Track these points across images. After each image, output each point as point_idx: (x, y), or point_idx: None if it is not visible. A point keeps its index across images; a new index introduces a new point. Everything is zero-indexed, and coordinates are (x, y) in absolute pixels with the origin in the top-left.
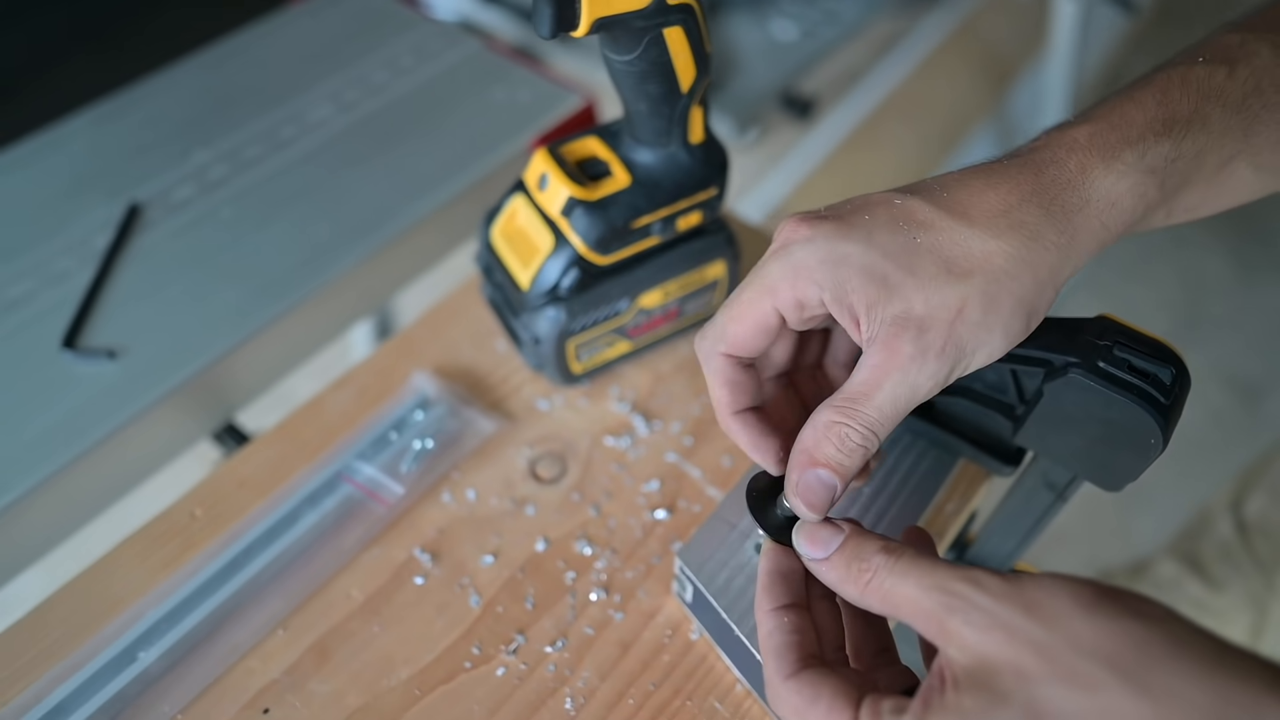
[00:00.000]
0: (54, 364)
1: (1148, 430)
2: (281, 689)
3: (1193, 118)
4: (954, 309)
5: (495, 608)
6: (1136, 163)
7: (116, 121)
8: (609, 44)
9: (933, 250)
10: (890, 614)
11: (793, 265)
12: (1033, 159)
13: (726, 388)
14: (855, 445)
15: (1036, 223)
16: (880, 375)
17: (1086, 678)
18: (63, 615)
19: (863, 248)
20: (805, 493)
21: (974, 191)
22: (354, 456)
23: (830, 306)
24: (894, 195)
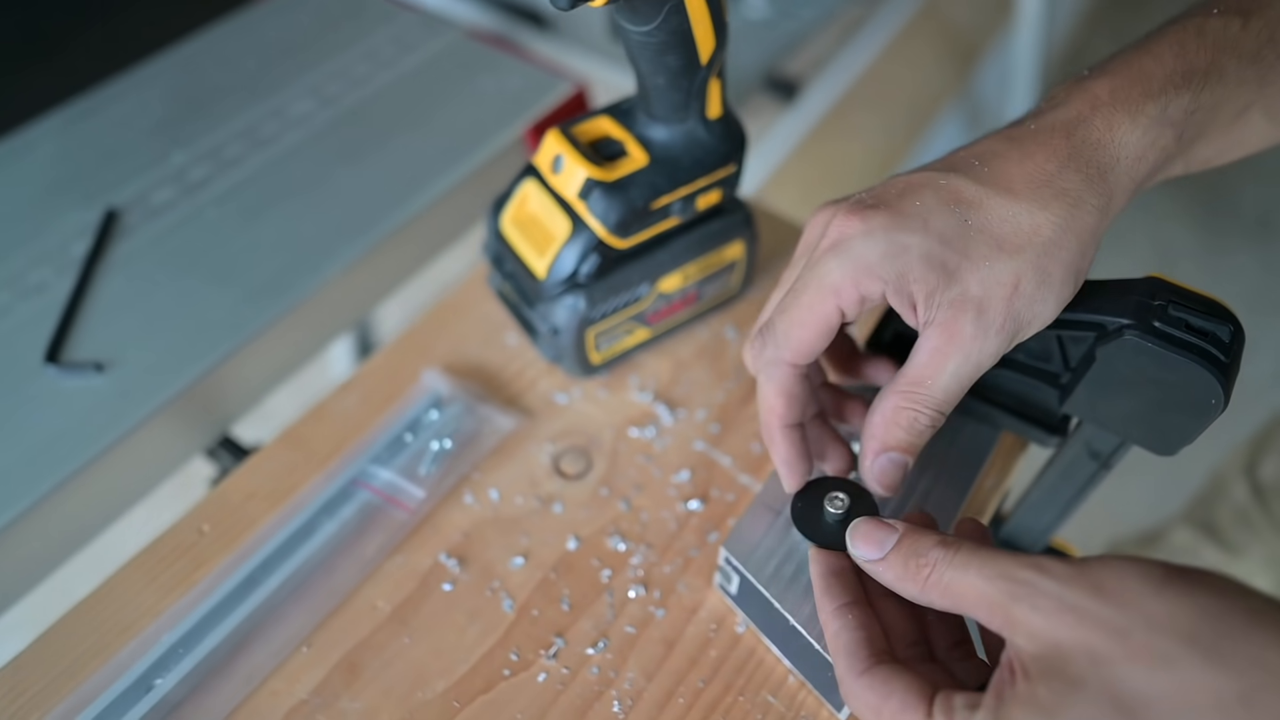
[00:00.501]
0: (37, 380)
1: (1210, 390)
2: (311, 710)
3: (1210, 69)
4: (1010, 285)
5: (530, 611)
6: (1159, 116)
7: (85, 124)
8: (627, 14)
9: (984, 230)
10: (952, 607)
11: (854, 261)
12: (1060, 119)
13: (784, 398)
14: (924, 427)
15: (1077, 189)
16: (943, 358)
17: (1163, 655)
18: (73, 641)
19: (921, 236)
20: (881, 476)
21: (1012, 162)
22: (369, 461)
23: (891, 298)
24: (937, 175)
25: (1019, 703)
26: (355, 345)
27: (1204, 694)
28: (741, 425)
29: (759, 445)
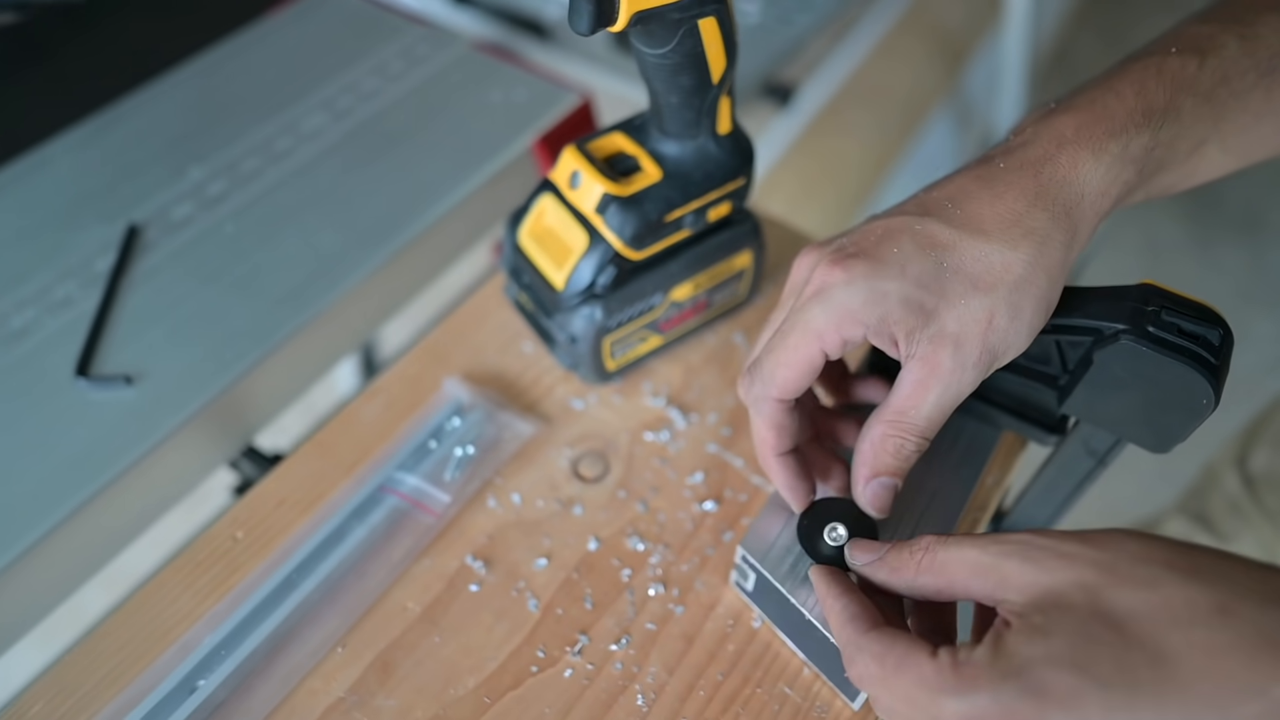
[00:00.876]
0: (68, 393)
1: (1201, 391)
2: (348, 707)
3: (1168, 108)
4: (985, 321)
5: (555, 610)
6: (1121, 154)
7: (102, 142)
8: (643, 38)
9: (958, 270)
10: (943, 587)
11: (836, 309)
12: (1028, 158)
13: (774, 430)
14: (910, 453)
15: (1045, 227)
16: (924, 389)
17: (1145, 579)
18: (116, 645)
19: (899, 283)
20: (873, 500)
21: (983, 203)
22: (395, 467)
23: (872, 338)
24: (912, 220)
25: (1015, 633)
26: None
27: (1183, 606)
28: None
29: None
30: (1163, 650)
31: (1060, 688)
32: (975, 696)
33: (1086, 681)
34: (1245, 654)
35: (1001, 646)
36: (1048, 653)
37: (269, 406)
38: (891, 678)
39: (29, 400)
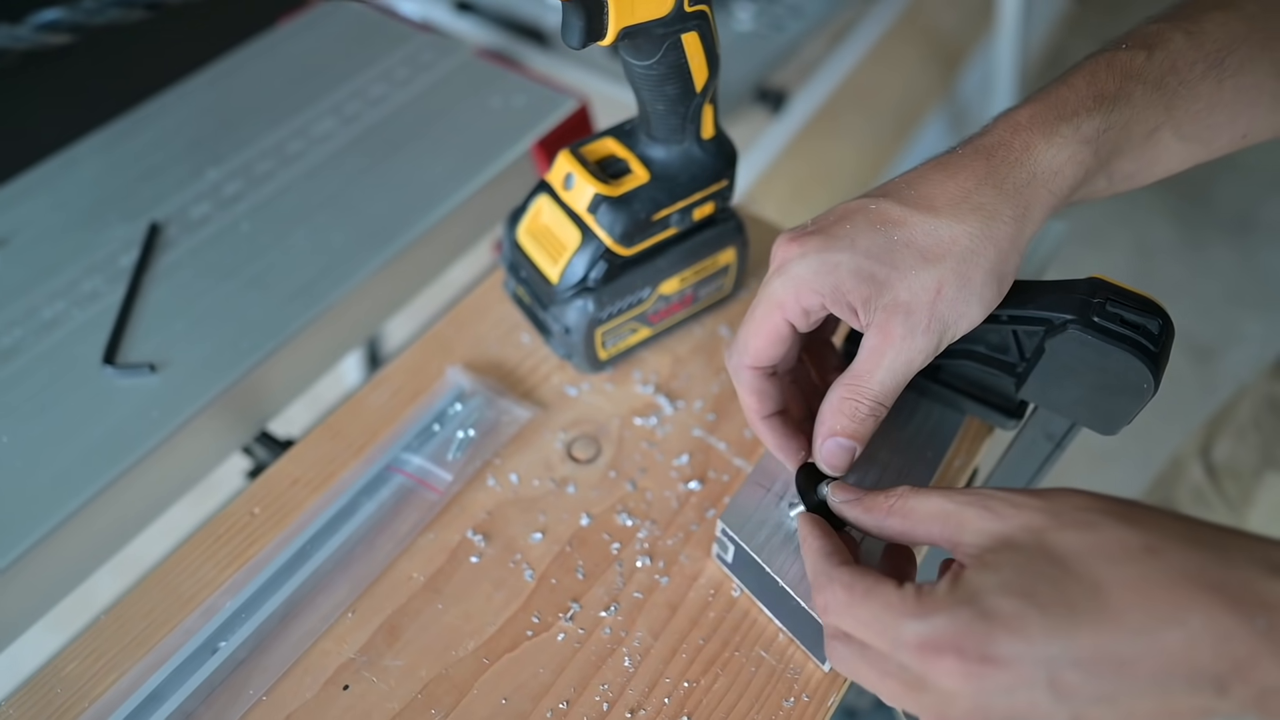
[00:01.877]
0: (96, 380)
1: (1140, 376)
2: (358, 666)
3: (1118, 94)
4: (933, 290)
5: (549, 580)
6: (1072, 135)
7: (123, 145)
8: (631, 51)
9: (908, 244)
10: (909, 530)
11: (793, 280)
12: (983, 144)
13: (754, 396)
14: (865, 415)
15: (993, 203)
16: (878, 356)
17: (1086, 522)
18: (143, 610)
19: (849, 254)
20: (829, 457)
21: (935, 184)
22: (401, 449)
23: (831, 307)
24: (868, 201)
25: (969, 570)
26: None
27: (1117, 545)
28: (735, 414)
29: (750, 431)
30: (1098, 582)
31: (1008, 611)
32: (934, 619)
33: (1030, 606)
34: (1169, 588)
35: (958, 580)
36: (998, 582)
37: (282, 394)
38: (858, 603)
39: (60, 386)
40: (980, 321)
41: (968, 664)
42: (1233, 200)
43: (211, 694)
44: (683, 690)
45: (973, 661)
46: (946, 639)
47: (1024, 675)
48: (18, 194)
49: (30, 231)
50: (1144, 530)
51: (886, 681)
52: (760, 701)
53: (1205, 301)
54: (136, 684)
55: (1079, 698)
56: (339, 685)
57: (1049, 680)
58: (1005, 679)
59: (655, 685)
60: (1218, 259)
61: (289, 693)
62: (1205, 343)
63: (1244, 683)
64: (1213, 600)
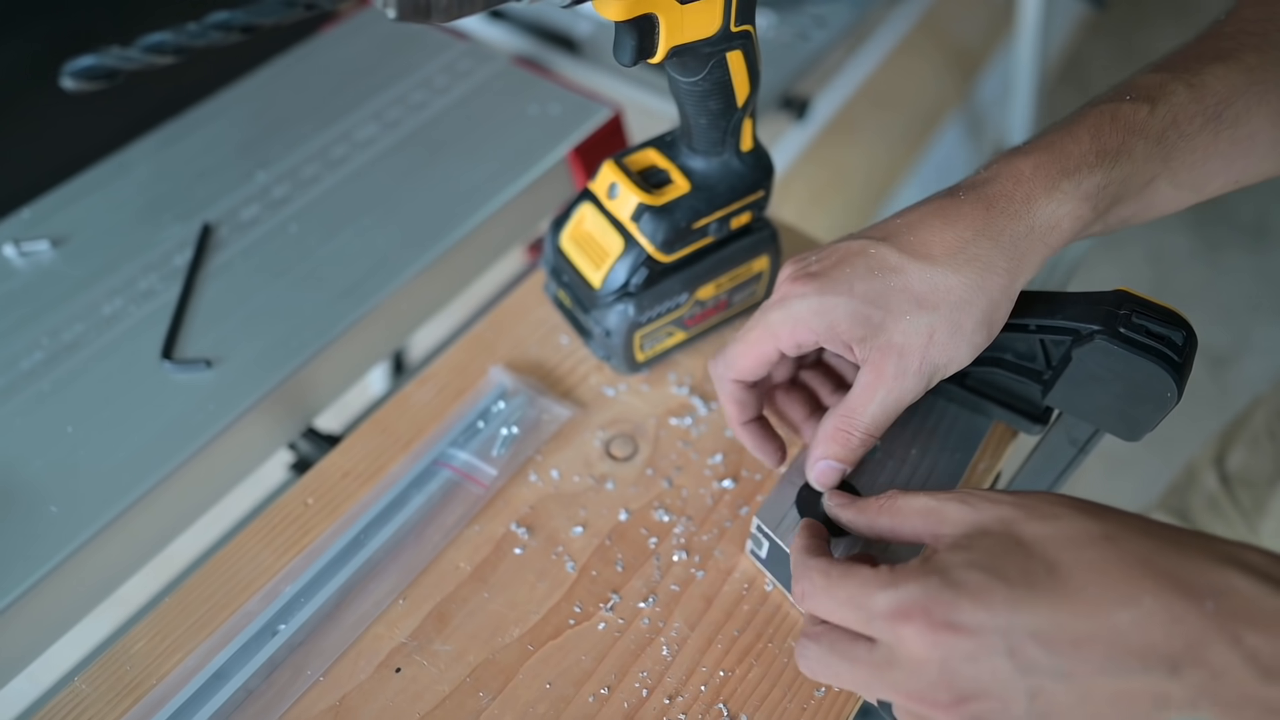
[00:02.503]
0: (155, 375)
1: (1165, 385)
2: (409, 650)
3: (1120, 150)
4: (926, 335)
5: (590, 572)
6: (1073, 191)
7: (175, 148)
8: (678, 68)
9: (904, 290)
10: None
11: (792, 316)
12: (985, 193)
13: (734, 404)
14: (855, 445)
15: (989, 255)
16: (870, 393)
17: (1052, 514)
18: (205, 594)
19: (846, 299)
20: (820, 476)
21: (934, 230)
22: (447, 444)
23: (825, 344)
24: (869, 244)
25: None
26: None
27: (1079, 533)
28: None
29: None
30: (1058, 564)
31: (973, 582)
32: (905, 587)
33: (995, 579)
34: (1123, 571)
35: (930, 558)
36: (966, 559)
37: (330, 389)
38: (835, 584)
39: (121, 380)
40: (968, 364)
41: (935, 629)
42: (1250, 209)
43: (272, 674)
44: (718, 679)
45: (939, 627)
46: (915, 604)
47: (985, 643)
48: (74, 194)
49: (88, 231)
50: (1104, 522)
51: (857, 669)
52: (792, 691)
53: (1222, 309)
54: (202, 663)
55: (1038, 671)
56: (391, 668)
57: (1009, 649)
58: (968, 645)
59: (692, 674)
60: (1235, 267)
61: (345, 674)
62: (1221, 351)
63: (1195, 664)
64: (1164, 584)
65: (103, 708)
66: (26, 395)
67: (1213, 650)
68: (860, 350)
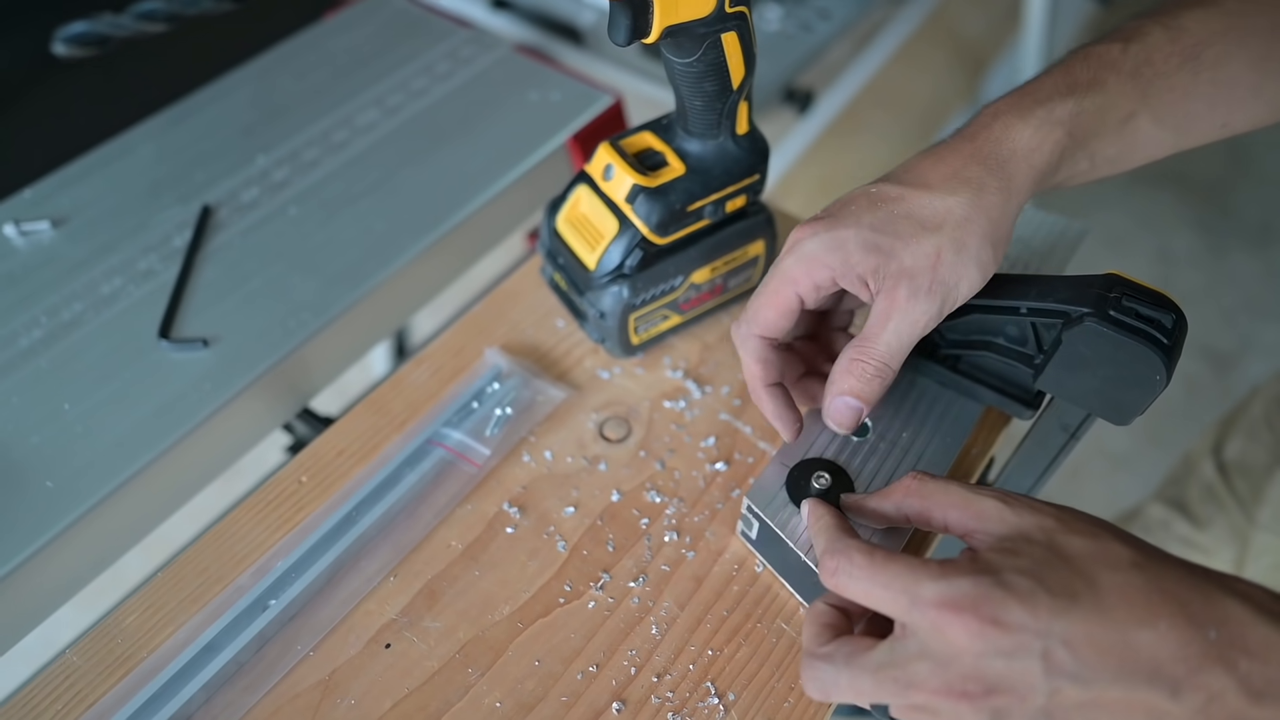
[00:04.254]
0: (153, 353)
1: (1153, 368)
2: (399, 627)
3: (1091, 82)
4: (934, 255)
5: (581, 551)
6: (1046, 116)
7: (176, 131)
8: (672, 49)
9: (907, 216)
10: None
11: (806, 257)
12: (967, 131)
13: (759, 364)
14: (871, 375)
15: (980, 177)
16: (885, 319)
17: (1091, 533)
18: (198, 569)
19: (855, 230)
20: (836, 414)
21: (928, 167)
22: (442, 424)
23: (841, 281)
24: (868, 186)
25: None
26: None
27: (1114, 555)
28: None
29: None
30: (1095, 582)
31: (1022, 588)
32: (957, 581)
33: (1041, 588)
34: (1146, 596)
35: (978, 557)
36: (1016, 565)
37: (326, 372)
38: (880, 566)
39: (118, 358)
40: (980, 286)
41: (981, 623)
42: (1255, 209)
43: (263, 648)
44: (707, 658)
45: (986, 622)
46: (966, 597)
47: (1024, 643)
48: (75, 176)
49: (89, 212)
50: (1134, 549)
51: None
52: (780, 670)
53: (1226, 310)
54: (193, 636)
55: (1063, 675)
56: (381, 644)
57: (1043, 652)
58: (1008, 643)
59: (680, 652)
60: (1239, 267)
61: (335, 649)
62: (1225, 351)
63: (1195, 688)
64: (1178, 612)
65: (94, 679)
66: (25, 372)
67: (1211, 675)
68: (874, 282)
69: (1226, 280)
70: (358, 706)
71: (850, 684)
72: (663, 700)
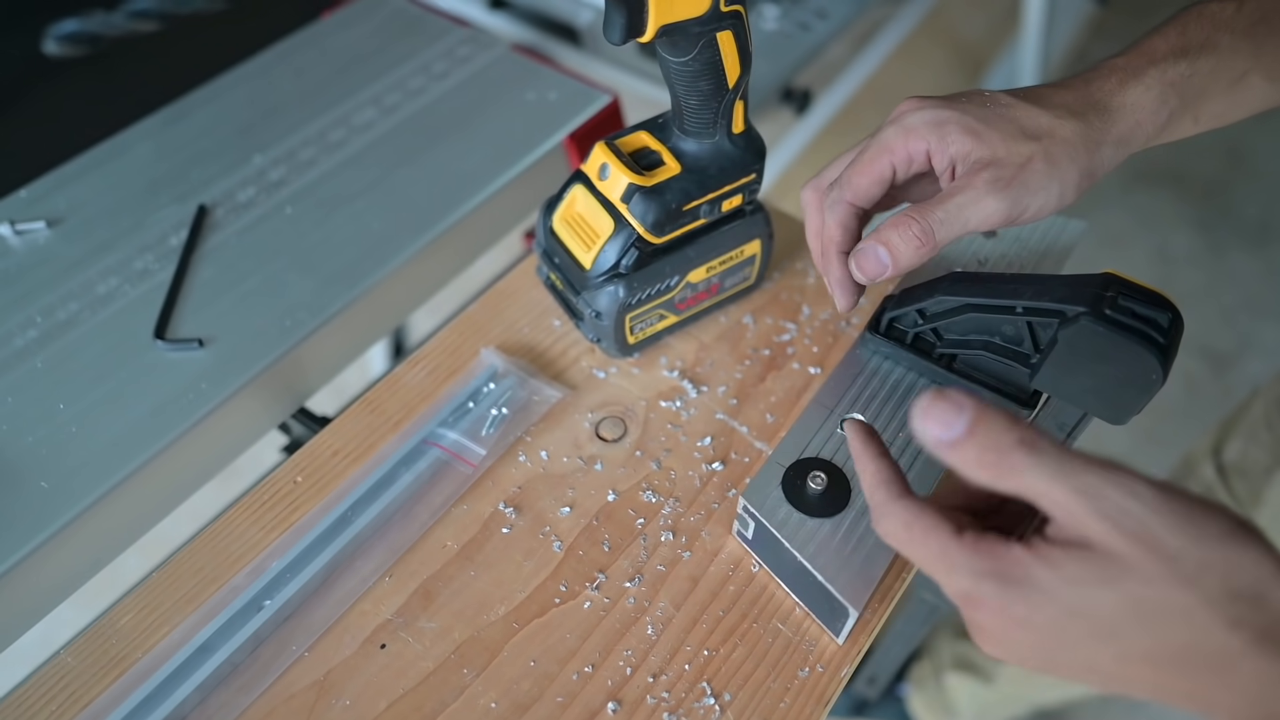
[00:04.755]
0: (148, 353)
1: (1149, 367)
2: (394, 627)
3: (1205, 44)
4: (1025, 157)
5: (577, 551)
6: (1159, 78)
7: (172, 131)
8: (668, 47)
9: (1013, 119)
10: (1017, 491)
11: (905, 127)
12: (1084, 77)
13: (842, 229)
14: (913, 235)
15: (1090, 114)
16: (955, 191)
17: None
18: (193, 569)
19: (959, 113)
20: (860, 259)
21: (1045, 92)
22: (437, 424)
23: (934, 157)
24: (982, 89)
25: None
26: (390, 346)
27: None
28: (757, 399)
29: (772, 415)
30: None
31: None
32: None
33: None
34: None
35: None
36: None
37: (322, 372)
38: (917, 543)
39: (114, 358)
40: (1051, 212)
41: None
42: (1254, 208)
43: (257, 648)
44: (703, 658)
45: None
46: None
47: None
48: (71, 176)
49: (84, 212)
50: None
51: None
52: (776, 670)
53: (1225, 309)
54: (187, 636)
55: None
56: (376, 644)
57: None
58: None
59: (676, 652)
60: (1238, 267)
61: (330, 649)
62: (1224, 350)
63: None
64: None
65: (89, 680)
66: (20, 372)
67: None
68: (962, 165)
69: (1226, 279)
70: (353, 707)
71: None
72: (658, 700)
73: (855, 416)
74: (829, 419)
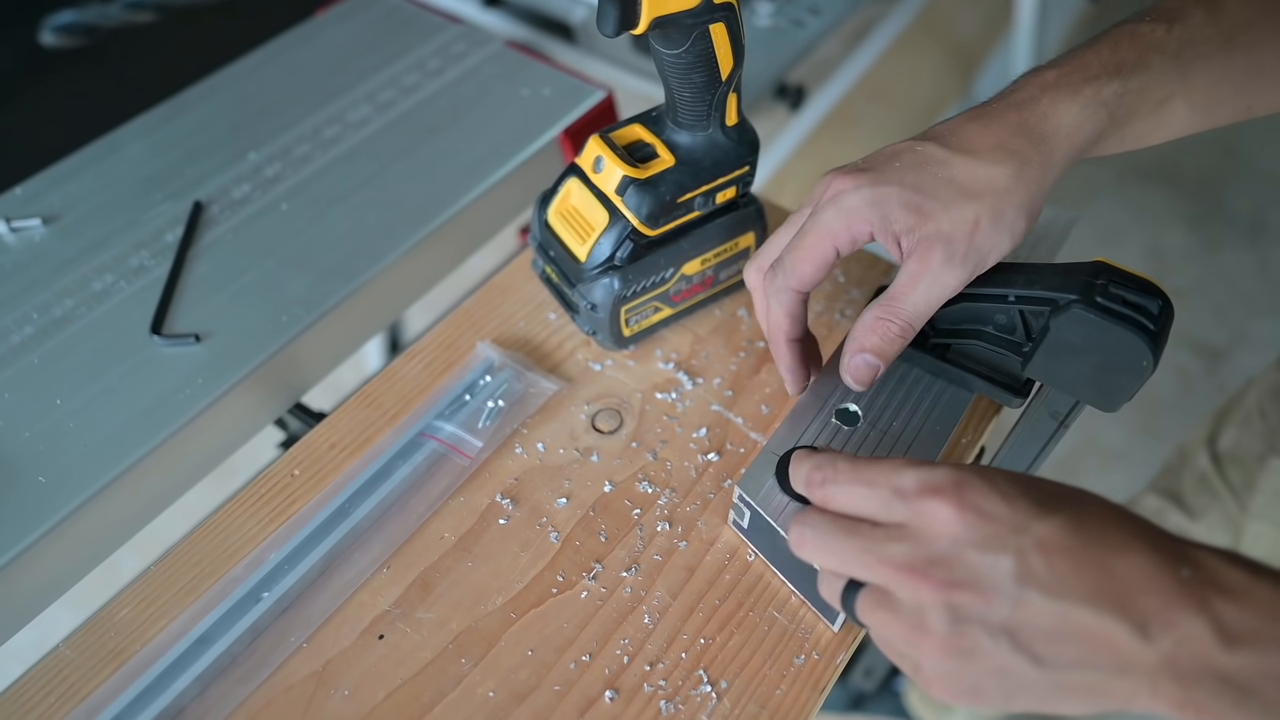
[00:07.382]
0: (145, 349)
1: (1140, 354)
2: (392, 618)
3: (1137, 63)
4: (972, 223)
5: (573, 542)
6: (1094, 96)
7: (167, 128)
8: (661, 40)
9: (950, 181)
10: None
11: (846, 210)
12: (1015, 99)
13: (788, 318)
14: (894, 335)
15: (1024, 150)
16: (916, 280)
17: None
18: (192, 561)
19: (898, 188)
20: (855, 371)
21: (974, 133)
22: (434, 417)
23: (878, 236)
24: (914, 143)
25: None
26: (385, 342)
27: (1090, 495)
28: (752, 391)
29: (767, 407)
30: (1075, 504)
31: (1005, 487)
32: (939, 470)
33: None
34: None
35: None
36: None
37: (318, 367)
38: (864, 466)
39: (110, 354)
40: (1008, 253)
41: (961, 509)
42: (1247, 204)
43: (256, 640)
44: (699, 646)
45: (966, 508)
46: (950, 483)
47: (1000, 536)
48: (67, 173)
49: (80, 209)
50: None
51: (853, 541)
52: (772, 658)
53: (1218, 304)
54: (186, 629)
55: (1032, 582)
56: (374, 635)
57: (1018, 549)
58: (985, 531)
59: (673, 641)
60: (1231, 262)
61: (328, 641)
62: (1217, 345)
63: (1165, 627)
64: (1152, 546)
65: (87, 672)
66: (16, 368)
67: (1182, 613)
68: (907, 241)
69: (1218, 275)
70: (351, 697)
71: (838, 547)
72: (655, 688)
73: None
74: (822, 410)
